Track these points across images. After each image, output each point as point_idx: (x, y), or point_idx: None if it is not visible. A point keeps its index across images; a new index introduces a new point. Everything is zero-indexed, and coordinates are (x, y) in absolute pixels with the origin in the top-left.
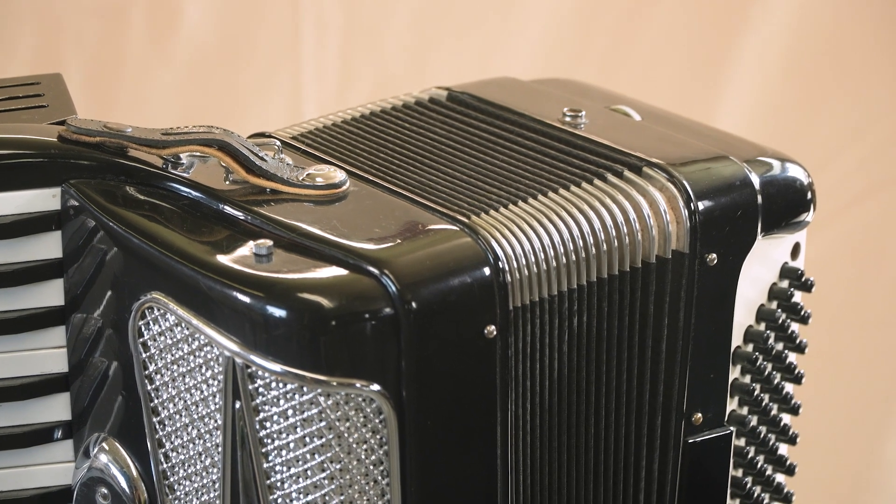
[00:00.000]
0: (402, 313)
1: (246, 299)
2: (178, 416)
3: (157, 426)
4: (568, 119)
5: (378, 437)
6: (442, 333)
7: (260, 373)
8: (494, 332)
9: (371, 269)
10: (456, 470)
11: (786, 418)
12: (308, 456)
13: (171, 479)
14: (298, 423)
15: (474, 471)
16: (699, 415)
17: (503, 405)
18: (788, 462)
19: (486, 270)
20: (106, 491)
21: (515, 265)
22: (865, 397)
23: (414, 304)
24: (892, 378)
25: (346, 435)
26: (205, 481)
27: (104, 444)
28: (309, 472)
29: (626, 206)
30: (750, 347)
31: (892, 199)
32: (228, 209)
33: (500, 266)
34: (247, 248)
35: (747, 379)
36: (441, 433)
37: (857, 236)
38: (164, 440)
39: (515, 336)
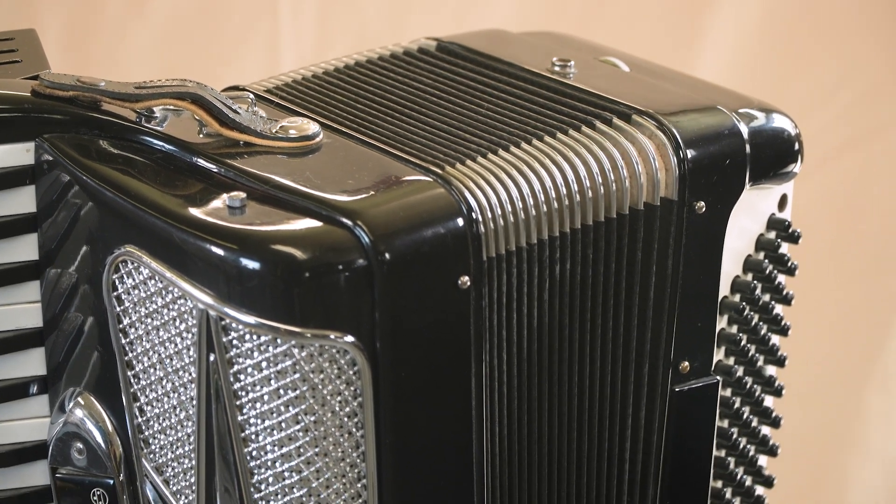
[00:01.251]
0: (375, 264)
1: (219, 252)
2: (152, 370)
3: (132, 380)
4: (557, 69)
5: (352, 388)
6: (415, 284)
7: (234, 325)
8: (468, 283)
9: (344, 220)
10: (430, 421)
11: (771, 370)
12: (282, 408)
13: (146, 433)
14: (272, 376)
15: (449, 421)
16: (686, 363)
17: (477, 355)
18: (774, 414)
19: (459, 221)
20: (81, 446)
21: (490, 215)
22: (847, 350)
23: (387, 256)
24: (874, 330)
25: (320, 387)
26: (179, 435)
27: (79, 399)
28: (283, 425)
29: (614, 152)
30: (737, 297)
31: (872, 152)
32: (202, 162)
33: (474, 216)
34: (220, 201)
35: (734, 329)
36: (415, 384)
37: (837, 188)
38: (138, 394)
39: (490, 286)
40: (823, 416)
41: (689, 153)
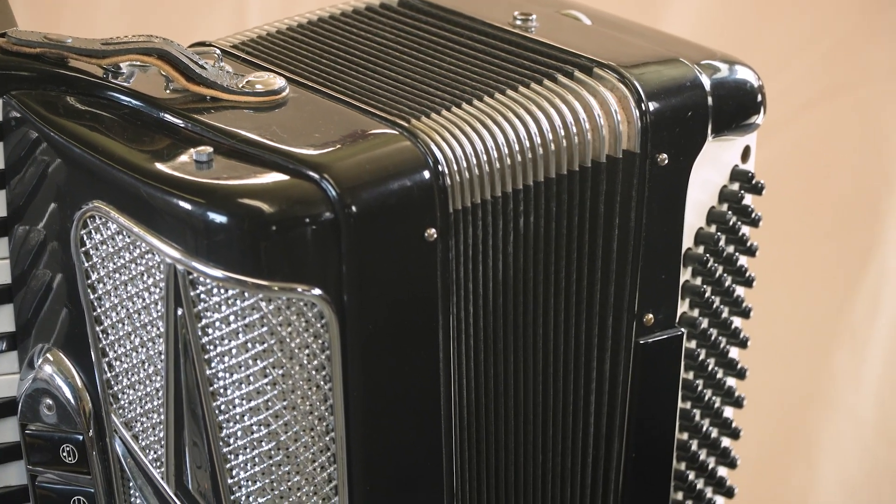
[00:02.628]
0: (342, 217)
1: (186, 206)
2: (120, 325)
3: (101, 335)
4: (518, 23)
5: (320, 341)
6: (382, 237)
7: (201, 279)
8: (435, 235)
9: (311, 173)
10: (398, 373)
11: (737, 321)
12: (250, 362)
13: (115, 388)
14: (240, 329)
15: (417, 374)
16: (650, 316)
17: (445, 308)
18: (739, 366)
19: (426, 174)
20: (51, 402)
21: (455, 168)
22: (815, 306)
23: (354, 208)
24: (842, 288)
25: (287, 340)
26: (148, 389)
27: (48, 355)
28: (251, 378)
29: (576, 105)
30: (701, 249)
31: (841, 107)
32: (168, 117)
33: (440, 169)
34: (187, 156)
35: (698, 281)
36: (383, 337)
37: (806, 144)
38: (107, 349)
39: (456, 239)
40: (791, 372)
41: (651, 105)
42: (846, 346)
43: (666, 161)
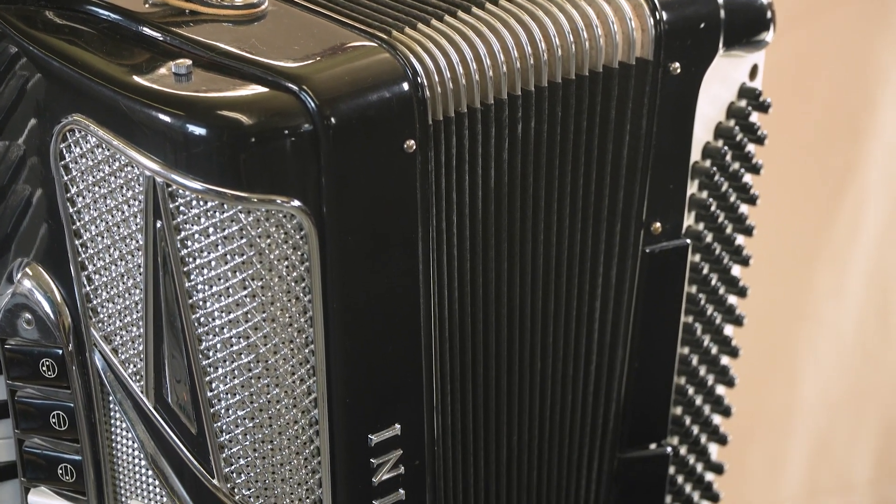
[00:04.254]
0: (321, 129)
1: (166, 118)
2: (100, 239)
3: (80, 249)
4: None
5: (299, 253)
6: (361, 148)
7: (181, 191)
8: (414, 147)
9: (290, 85)
10: (377, 285)
11: (740, 239)
12: (229, 274)
13: (94, 302)
14: (219, 241)
15: (396, 285)
16: (658, 225)
17: (424, 219)
18: (741, 283)
19: (405, 86)
20: (30, 317)
21: (437, 79)
22: (796, 226)
23: (333, 120)
24: (823, 206)
25: (266, 252)
26: (127, 302)
27: (28, 270)
28: (230, 290)
29: (588, 10)
30: (708, 163)
31: (822, 26)
32: (147, 31)
33: (419, 81)
34: (166, 69)
35: (704, 194)
36: (362, 248)
37: (787, 63)
38: (86, 263)
39: (437, 149)
40: (773, 290)
41: (665, 14)
42: (827, 263)
43: (678, 70)
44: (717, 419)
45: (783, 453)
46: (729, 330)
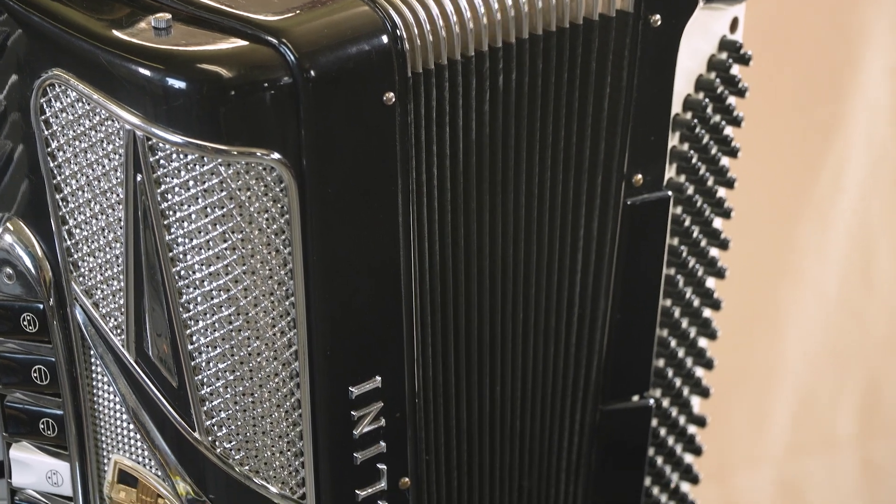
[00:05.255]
0: (300, 82)
1: (146, 72)
2: (80, 193)
3: (61, 203)
4: None
5: (279, 205)
6: (340, 101)
7: (161, 145)
8: (393, 99)
9: (270, 38)
10: (358, 237)
11: (721, 191)
12: (209, 227)
13: (76, 256)
14: (199, 194)
15: (376, 237)
16: (639, 176)
17: (404, 171)
18: (723, 236)
19: (384, 38)
20: (11, 271)
21: (416, 31)
22: (779, 182)
23: (312, 73)
24: (806, 163)
25: (246, 204)
26: (108, 256)
27: (9, 225)
28: (211, 244)
29: None
30: (689, 115)
31: None
32: None
33: (399, 33)
34: (146, 23)
35: (685, 147)
36: (342, 201)
37: (768, 19)
38: (67, 217)
39: (417, 102)
40: (756, 246)
41: None
42: (810, 220)
43: (659, 22)
44: (699, 372)
45: (767, 410)
46: (711, 282)
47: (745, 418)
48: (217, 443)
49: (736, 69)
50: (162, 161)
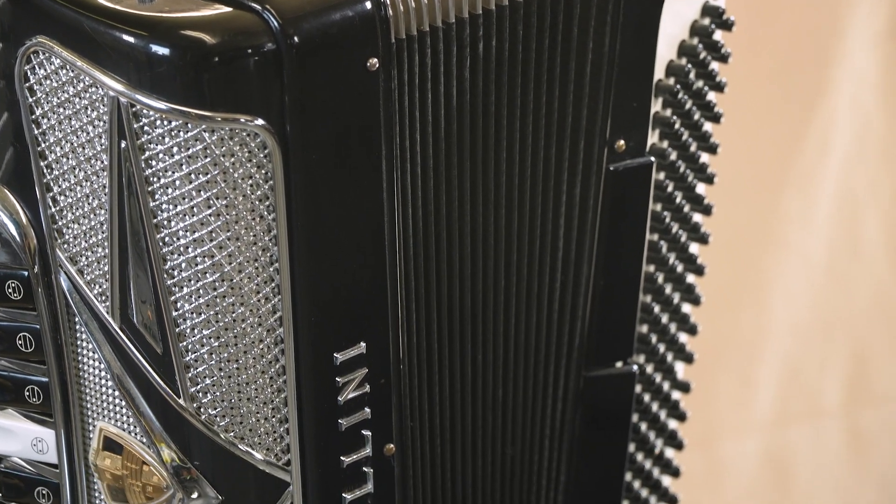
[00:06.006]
0: (284, 48)
1: (129, 39)
2: (65, 160)
3: (45, 170)
4: None
5: (263, 171)
6: (324, 67)
7: (145, 111)
8: (377, 65)
9: (253, 5)
10: (341, 203)
11: (704, 157)
12: (194, 193)
13: (60, 223)
14: (184, 161)
15: (360, 203)
16: (622, 142)
17: (388, 137)
18: (706, 201)
19: (367, 4)
20: None
21: None
22: (764, 149)
23: (296, 39)
24: (791, 131)
25: (231, 170)
26: (92, 223)
27: None
28: (195, 210)
29: None
30: (671, 81)
31: None
32: None
33: (382, 0)
34: None
35: (668, 112)
36: (326, 166)
37: None
38: (51, 184)
39: (400, 67)
40: (741, 214)
41: None
42: (796, 187)
43: None
44: (683, 337)
45: (753, 378)
46: (694, 248)
47: (731, 387)
48: (202, 409)
49: (719, 35)
50: (146, 128)
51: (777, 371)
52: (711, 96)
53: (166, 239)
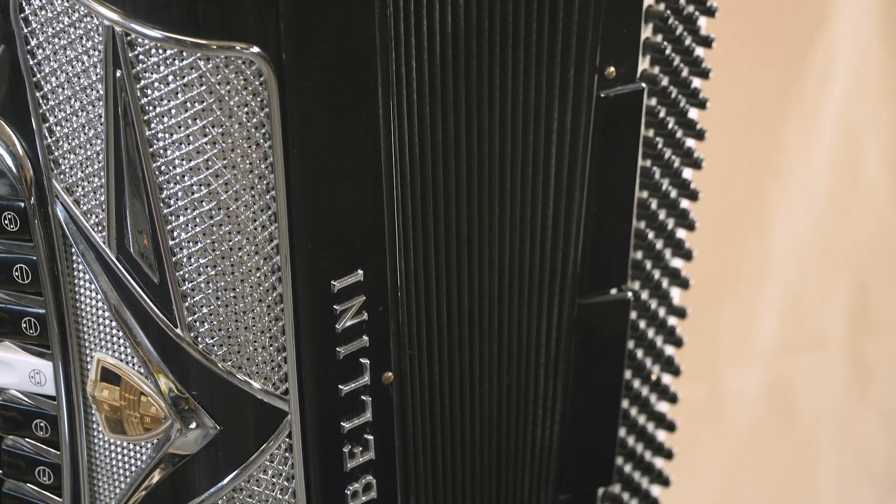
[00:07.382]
0: None
1: None
2: (60, 90)
3: (41, 101)
4: None
5: (259, 99)
6: None
7: (140, 40)
8: None
9: None
10: (337, 131)
11: (696, 82)
12: (189, 121)
13: (56, 154)
14: (179, 89)
15: (356, 129)
16: (612, 69)
17: (384, 64)
18: (698, 126)
19: None
20: None
21: None
22: (765, 80)
23: None
24: (791, 61)
25: (226, 98)
26: (89, 153)
27: None
28: (191, 138)
29: None
30: (661, 6)
31: None
32: None
33: None
34: None
35: (659, 38)
36: (322, 93)
37: None
38: (47, 114)
39: None
40: (743, 144)
41: None
42: (797, 117)
43: None
44: (678, 263)
45: (755, 310)
46: (688, 174)
47: (734, 319)
48: (199, 339)
49: None
50: (141, 56)
51: (779, 302)
52: (702, 21)
53: (162, 168)
